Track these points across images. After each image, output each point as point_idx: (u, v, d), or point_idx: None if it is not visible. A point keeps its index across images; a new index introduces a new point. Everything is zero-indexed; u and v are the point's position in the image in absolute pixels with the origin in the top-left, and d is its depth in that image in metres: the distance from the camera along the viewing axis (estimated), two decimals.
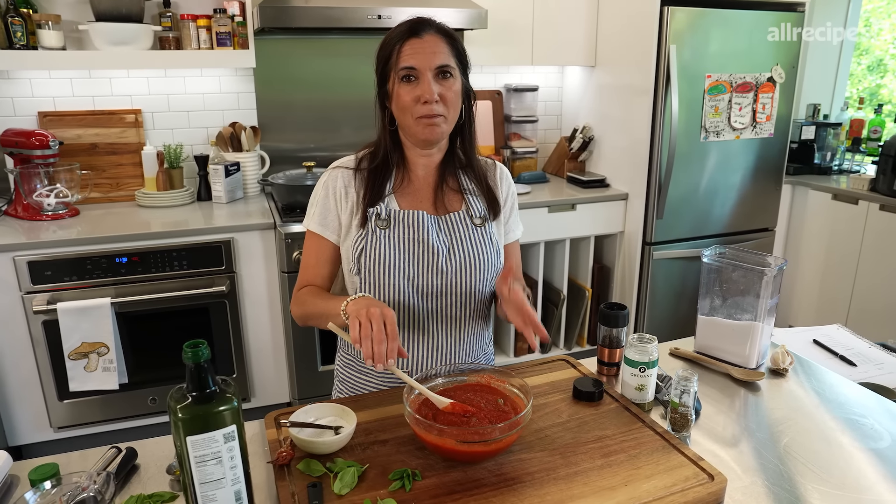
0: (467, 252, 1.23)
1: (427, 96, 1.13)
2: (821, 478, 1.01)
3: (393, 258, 1.20)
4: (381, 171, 1.22)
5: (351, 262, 1.22)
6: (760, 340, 1.34)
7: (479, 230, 1.26)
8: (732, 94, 2.83)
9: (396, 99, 1.16)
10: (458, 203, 1.27)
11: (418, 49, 1.13)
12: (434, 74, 1.14)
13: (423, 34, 1.14)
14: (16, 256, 2.17)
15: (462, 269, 1.23)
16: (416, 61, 1.13)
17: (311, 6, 2.40)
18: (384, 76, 1.18)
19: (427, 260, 1.21)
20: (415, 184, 1.26)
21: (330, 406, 1.09)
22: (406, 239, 1.21)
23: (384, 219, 1.21)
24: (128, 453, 1.03)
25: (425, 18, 1.17)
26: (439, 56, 1.14)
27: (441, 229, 1.23)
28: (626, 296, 3.07)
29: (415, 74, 1.14)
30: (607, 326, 1.30)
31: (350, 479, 0.93)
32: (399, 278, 1.20)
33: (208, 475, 0.83)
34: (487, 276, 1.26)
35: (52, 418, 2.37)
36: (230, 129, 2.80)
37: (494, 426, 0.95)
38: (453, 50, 1.17)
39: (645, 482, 0.94)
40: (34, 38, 2.39)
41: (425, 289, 1.22)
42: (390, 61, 1.15)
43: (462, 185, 1.27)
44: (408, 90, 1.14)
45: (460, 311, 1.26)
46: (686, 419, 1.11)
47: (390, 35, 1.17)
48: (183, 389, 0.83)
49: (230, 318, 2.47)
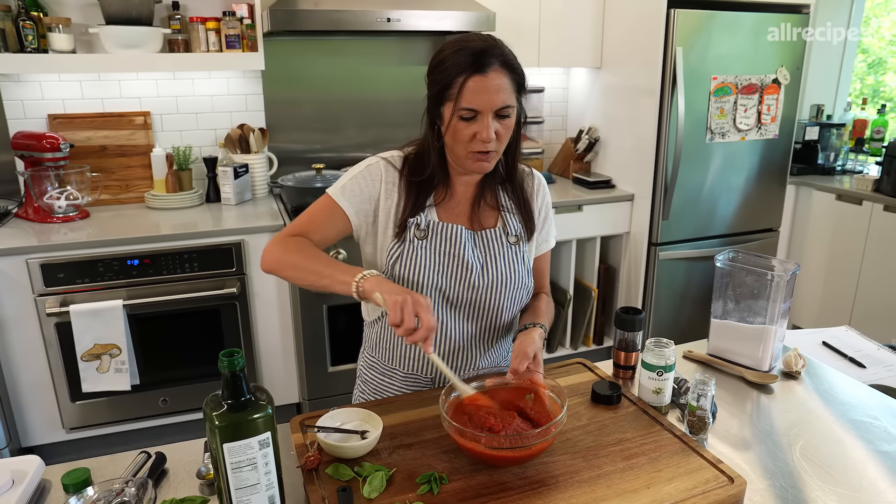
0: (500, 270, 1.24)
1: (485, 137, 1.11)
2: (836, 480, 1.03)
3: (428, 269, 1.21)
4: (426, 184, 1.21)
5: (385, 267, 1.23)
6: (773, 343, 1.37)
7: (514, 248, 1.27)
8: (738, 95, 2.85)
9: (453, 131, 1.13)
10: (493, 220, 1.27)
11: (482, 89, 1.08)
12: (494, 114, 1.11)
13: (488, 71, 1.08)
14: (29, 259, 2.18)
15: (494, 285, 1.24)
16: (479, 104, 1.09)
17: (321, 9, 2.41)
18: (439, 99, 1.14)
19: (461, 274, 1.22)
20: (455, 198, 1.26)
21: (355, 411, 1.11)
22: (442, 252, 1.22)
23: (423, 230, 1.21)
24: (157, 458, 1.04)
25: (490, 46, 1.10)
26: (502, 96, 1.10)
27: (476, 245, 1.24)
28: (631, 296, 3.09)
29: (475, 113, 1.11)
30: (623, 330, 1.32)
31: (379, 483, 0.95)
32: (431, 289, 1.21)
33: (244, 481, 0.85)
34: (518, 295, 1.28)
35: (64, 419, 2.39)
36: (238, 131, 2.81)
37: (530, 432, 0.97)
38: (515, 84, 1.13)
39: (666, 484, 0.96)
40: (45, 42, 2.40)
41: (456, 301, 1.24)
42: (450, 92, 1.11)
43: (500, 201, 1.28)
44: (465, 126, 1.12)
45: (488, 325, 1.28)
46: (703, 422, 1.13)
47: (451, 60, 1.10)
48: (218, 397, 0.85)
49: (241, 319, 2.49)
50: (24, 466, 1.01)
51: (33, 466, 1.01)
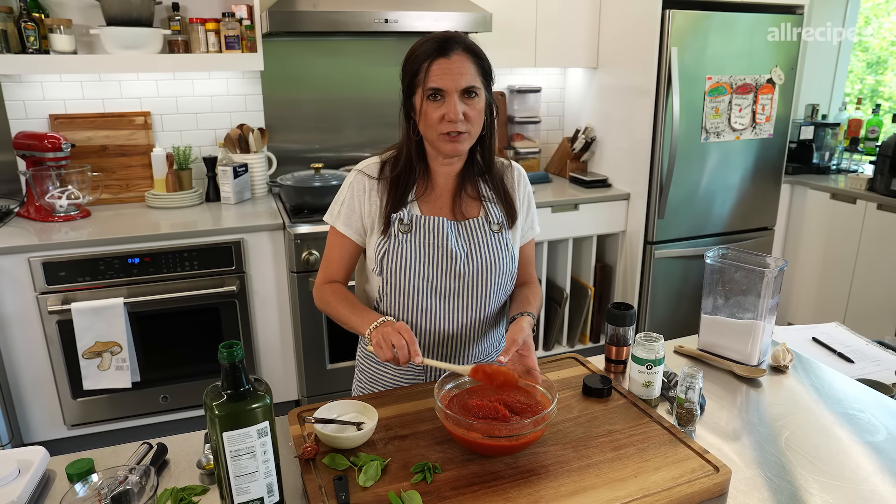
0: (484, 257, 1.28)
1: (452, 115, 1.16)
2: (820, 469, 1.06)
3: (414, 261, 1.25)
4: (405, 178, 1.27)
5: (374, 262, 1.28)
6: (762, 338, 1.39)
7: (497, 236, 1.31)
8: (732, 95, 2.87)
9: (423, 115, 1.20)
10: (476, 210, 1.32)
11: (446, 69, 1.16)
12: (460, 94, 1.17)
13: (451, 54, 1.16)
14: (31, 257, 2.21)
15: (479, 273, 1.28)
16: (444, 82, 1.16)
17: (320, 10, 2.44)
18: (411, 89, 1.21)
19: (446, 264, 1.26)
20: (436, 191, 1.31)
21: (351, 403, 1.14)
22: (427, 243, 1.26)
23: (407, 224, 1.26)
24: (159, 448, 1.07)
25: (453, 35, 1.19)
26: (466, 77, 1.17)
27: (460, 234, 1.29)
28: (627, 294, 3.12)
29: (441, 94, 1.17)
30: (614, 325, 1.35)
31: (374, 472, 0.98)
32: (419, 280, 1.26)
33: (243, 468, 0.87)
34: (503, 280, 1.32)
35: (66, 416, 2.42)
36: (238, 131, 2.84)
37: (522, 422, 1.00)
38: (479, 69, 1.20)
39: (654, 474, 0.99)
40: (46, 43, 2.43)
41: (443, 291, 1.27)
42: (418, 78, 1.18)
43: (481, 192, 1.32)
44: (434, 108, 1.18)
45: (476, 312, 1.31)
46: (691, 414, 1.16)
47: (418, 50, 1.20)
48: (218, 387, 0.87)
49: (240, 317, 2.51)
50: (30, 456, 1.03)
51: (38, 456, 1.04)
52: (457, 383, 1.15)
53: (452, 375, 1.16)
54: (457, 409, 1.07)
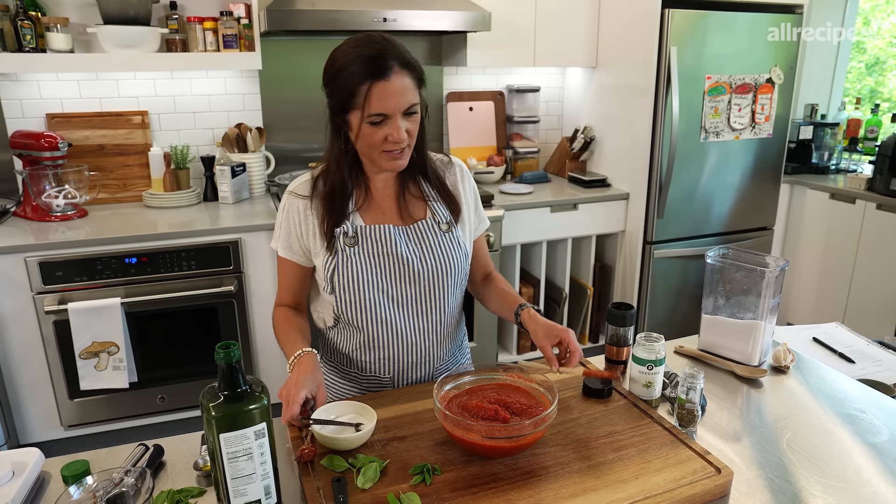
0: (438, 258, 1.26)
1: (397, 137, 1.12)
2: (822, 471, 1.05)
3: (365, 274, 1.22)
4: (340, 192, 1.22)
5: (325, 281, 1.25)
6: (763, 339, 1.38)
7: (447, 236, 1.28)
8: (732, 95, 2.87)
9: (362, 136, 1.14)
10: (422, 211, 1.29)
11: (388, 93, 1.09)
12: (402, 114, 1.13)
13: (390, 75, 1.09)
14: (27, 257, 2.20)
15: (434, 275, 1.26)
16: (386, 107, 1.10)
17: (318, 9, 2.42)
18: (344, 108, 1.14)
19: (399, 271, 1.24)
20: (376, 198, 1.27)
21: (350, 404, 1.13)
22: (375, 253, 1.23)
23: (352, 236, 1.22)
24: (155, 450, 1.06)
25: (385, 51, 1.10)
26: (407, 96, 1.12)
27: (410, 239, 1.26)
28: (627, 294, 3.12)
29: (383, 117, 1.12)
30: (615, 325, 1.34)
31: (373, 473, 0.97)
32: (374, 292, 1.23)
33: (240, 470, 0.86)
34: (458, 280, 1.31)
35: (62, 417, 2.40)
36: (236, 130, 2.83)
37: (522, 423, 0.99)
38: (416, 81, 1.14)
39: (655, 475, 0.98)
40: (43, 41, 2.42)
41: (400, 299, 1.26)
42: (354, 100, 1.11)
43: (424, 192, 1.29)
44: (375, 130, 1.12)
45: (436, 315, 1.30)
46: (692, 415, 1.15)
47: (350, 67, 1.10)
48: (215, 388, 0.86)
49: (238, 317, 2.50)
50: (25, 458, 1.03)
51: (33, 458, 1.03)
52: (456, 384, 1.14)
53: (452, 376, 1.15)
54: (456, 410, 1.07)
